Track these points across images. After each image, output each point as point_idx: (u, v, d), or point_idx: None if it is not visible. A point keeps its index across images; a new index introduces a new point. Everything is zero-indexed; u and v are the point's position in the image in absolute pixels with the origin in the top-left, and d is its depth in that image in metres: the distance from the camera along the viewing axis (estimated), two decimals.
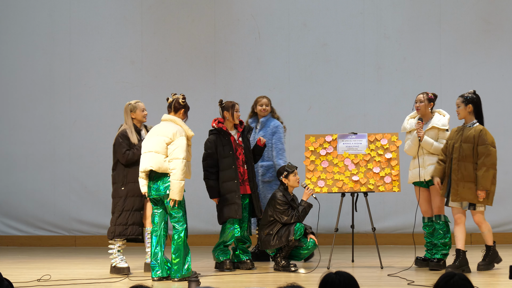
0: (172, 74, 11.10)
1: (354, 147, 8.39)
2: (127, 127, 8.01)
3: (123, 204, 7.91)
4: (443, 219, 7.97)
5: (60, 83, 11.20)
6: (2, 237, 11.12)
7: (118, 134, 8.00)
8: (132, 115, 8.05)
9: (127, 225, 7.89)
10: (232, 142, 8.15)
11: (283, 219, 8.00)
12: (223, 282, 7.37)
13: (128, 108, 8.06)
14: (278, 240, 7.97)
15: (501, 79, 10.67)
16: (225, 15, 11.07)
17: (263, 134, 8.77)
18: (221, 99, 8.35)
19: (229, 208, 8.04)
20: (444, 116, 8.11)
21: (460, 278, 3.76)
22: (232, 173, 8.05)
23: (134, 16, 11.18)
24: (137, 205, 7.92)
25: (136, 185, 7.82)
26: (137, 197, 7.90)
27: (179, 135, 7.30)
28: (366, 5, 10.84)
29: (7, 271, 7.89)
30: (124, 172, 7.94)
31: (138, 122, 8.09)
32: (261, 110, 8.90)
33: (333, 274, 3.80)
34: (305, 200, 8.09)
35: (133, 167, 7.91)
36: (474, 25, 10.69)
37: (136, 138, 7.96)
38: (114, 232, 7.91)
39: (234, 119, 8.20)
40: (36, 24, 11.29)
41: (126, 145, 7.91)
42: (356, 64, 10.83)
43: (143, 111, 8.09)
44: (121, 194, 7.93)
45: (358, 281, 3.84)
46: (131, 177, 7.91)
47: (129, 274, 7.87)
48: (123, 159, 7.91)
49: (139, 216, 7.93)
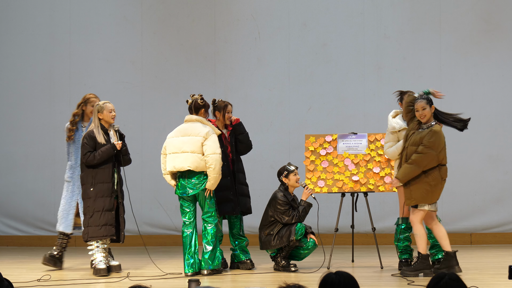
0: (172, 74, 11.10)
1: (354, 147, 8.39)
2: (94, 127, 8.04)
3: (93, 205, 7.90)
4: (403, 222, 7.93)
5: (60, 83, 11.19)
6: (2, 237, 11.12)
7: (84, 135, 8.04)
8: (99, 115, 8.05)
9: (99, 226, 7.87)
10: (223, 139, 8.19)
11: (284, 219, 7.99)
12: (223, 282, 7.37)
13: (96, 108, 8.09)
14: (279, 240, 7.96)
15: (501, 79, 10.67)
16: (225, 15, 11.06)
17: None
18: (215, 99, 8.37)
19: (224, 205, 8.07)
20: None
21: (450, 279, 3.75)
22: (225, 170, 8.07)
23: (134, 16, 11.18)
24: (107, 206, 7.88)
25: (105, 185, 7.88)
26: (107, 197, 7.88)
27: (211, 133, 7.80)
28: (366, 5, 10.84)
29: (7, 271, 7.89)
30: (92, 173, 7.94)
31: (106, 122, 8.07)
32: None
33: (333, 274, 3.80)
34: (305, 200, 8.08)
35: (101, 167, 7.93)
36: (474, 25, 10.68)
37: (103, 138, 7.96)
38: (88, 233, 7.91)
39: (225, 119, 8.27)
40: (36, 24, 11.29)
41: (90, 146, 7.93)
42: (356, 64, 10.83)
43: (111, 112, 8.08)
44: (91, 195, 7.91)
45: (358, 281, 3.84)
46: (100, 178, 7.91)
47: (108, 275, 7.85)
48: (83, 160, 7.96)
49: (111, 216, 7.90)
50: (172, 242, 10.61)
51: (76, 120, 8.50)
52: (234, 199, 8.10)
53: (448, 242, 7.49)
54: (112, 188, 7.93)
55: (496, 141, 10.49)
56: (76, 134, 8.46)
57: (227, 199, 8.09)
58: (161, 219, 10.85)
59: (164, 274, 7.82)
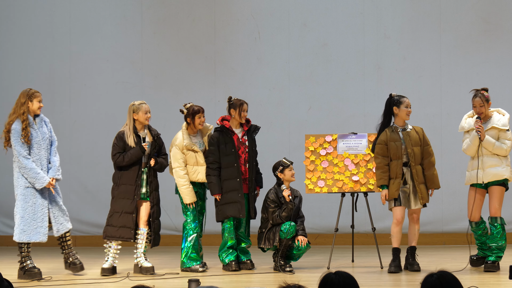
0: (172, 74, 11.10)
1: (354, 147, 8.39)
2: (126, 128, 7.94)
3: (114, 205, 7.90)
4: (499, 222, 7.71)
5: (60, 83, 11.19)
6: (2, 237, 11.11)
7: (116, 135, 7.98)
8: (134, 116, 7.95)
9: (117, 227, 7.86)
10: (235, 140, 8.14)
11: (271, 218, 8.00)
12: (223, 282, 7.38)
13: (131, 108, 7.97)
14: (267, 241, 7.97)
15: (501, 79, 10.67)
16: (225, 15, 11.06)
17: None
18: (231, 96, 8.29)
19: (230, 206, 8.04)
20: (504, 115, 7.86)
21: (438, 277, 3.70)
22: (234, 171, 8.04)
23: (134, 16, 11.18)
24: (127, 208, 7.85)
25: (127, 187, 7.82)
26: (127, 199, 7.85)
27: (173, 145, 8.11)
28: (366, 5, 10.84)
29: (7, 271, 7.89)
30: (119, 174, 7.93)
31: (140, 124, 7.97)
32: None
33: (333, 274, 3.79)
34: (288, 201, 8.01)
35: (127, 169, 7.89)
36: (474, 25, 10.68)
37: (133, 140, 7.85)
38: (105, 232, 7.92)
39: (241, 118, 8.18)
40: (36, 24, 11.29)
41: (120, 147, 7.87)
42: (356, 64, 10.83)
43: (146, 114, 7.94)
44: (114, 195, 7.93)
45: (358, 281, 3.84)
46: (124, 179, 7.88)
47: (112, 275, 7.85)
48: (113, 160, 7.92)
49: (130, 219, 7.85)
50: (172, 242, 10.60)
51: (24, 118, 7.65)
52: (240, 201, 8.07)
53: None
54: (136, 190, 7.87)
55: None
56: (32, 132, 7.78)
57: (234, 200, 8.07)
58: (161, 219, 10.83)
59: (163, 274, 7.83)
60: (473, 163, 7.77)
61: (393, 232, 7.83)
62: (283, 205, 7.97)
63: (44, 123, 7.86)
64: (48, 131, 7.86)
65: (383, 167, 7.82)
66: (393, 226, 7.84)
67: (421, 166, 7.83)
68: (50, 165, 7.85)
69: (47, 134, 7.83)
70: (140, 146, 7.83)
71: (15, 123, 7.66)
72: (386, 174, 7.80)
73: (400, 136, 7.82)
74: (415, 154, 7.78)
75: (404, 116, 7.88)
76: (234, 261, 8.11)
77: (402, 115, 7.87)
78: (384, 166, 7.82)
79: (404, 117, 7.88)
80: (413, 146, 7.79)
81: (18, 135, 7.64)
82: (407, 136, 7.81)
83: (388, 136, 7.85)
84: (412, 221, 7.86)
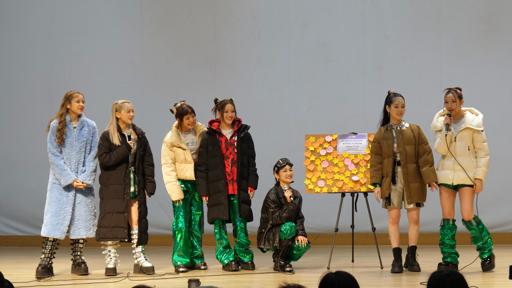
0: (172, 74, 11.10)
1: (354, 147, 8.39)
2: (111, 128, 7.92)
3: (104, 206, 7.88)
4: (475, 223, 7.64)
5: (60, 83, 11.19)
6: (2, 237, 11.12)
7: (100, 136, 7.95)
8: (117, 114, 7.94)
9: (110, 228, 7.85)
10: (223, 141, 8.13)
11: (271, 219, 7.99)
12: (223, 282, 7.38)
13: (114, 107, 7.96)
14: (267, 241, 7.97)
15: (501, 79, 10.67)
16: (225, 15, 11.07)
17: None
18: (216, 98, 8.29)
19: (216, 208, 8.08)
20: (477, 115, 7.72)
21: (448, 274, 3.70)
22: (219, 173, 8.04)
23: (134, 16, 11.18)
24: (118, 207, 7.84)
25: (116, 187, 7.82)
26: (118, 199, 7.84)
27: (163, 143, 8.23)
28: (366, 5, 10.84)
29: (7, 271, 7.89)
30: (106, 174, 7.91)
31: (123, 123, 7.95)
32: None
33: (333, 274, 3.79)
34: (289, 202, 8.01)
35: (114, 169, 7.88)
36: (474, 25, 10.68)
37: (118, 139, 7.83)
38: (98, 234, 7.90)
39: (224, 119, 8.15)
40: (36, 24, 11.29)
41: (105, 147, 7.85)
42: (356, 64, 10.83)
43: (129, 112, 7.93)
44: (103, 196, 7.90)
45: (358, 281, 3.84)
46: (112, 179, 7.86)
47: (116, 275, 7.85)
48: (99, 161, 7.90)
49: (122, 219, 7.84)
50: (172, 242, 10.59)
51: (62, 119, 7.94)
52: (224, 202, 8.06)
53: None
54: (125, 189, 7.87)
55: (496, 141, 10.47)
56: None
57: (219, 202, 8.07)
58: (161, 219, 10.85)
59: (163, 274, 7.83)
60: (444, 162, 7.68)
61: (390, 232, 7.85)
62: (283, 206, 7.97)
63: (86, 125, 8.00)
64: (88, 135, 7.98)
65: (375, 165, 7.83)
66: (389, 226, 7.87)
67: (416, 165, 7.79)
68: (84, 168, 7.87)
69: (84, 136, 7.95)
70: (126, 144, 7.83)
71: (54, 122, 7.96)
72: (379, 172, 7.80)
73: (393, 135, 7.80)
74: (407, 153, 7.73)
75: (395, 115, 7.84)
76: (234, 261, 8.11)
77: (393, 114, 7.86)
78: (377, 164, 7.83)
79: (395, 116, 7.84)
80: (405, 144, 7.73)
81: (52, 133, 7.91)
82: (400, 134, 7.78)
83: (381, 134, 7.86)
84: (411, 221, 7.85)
